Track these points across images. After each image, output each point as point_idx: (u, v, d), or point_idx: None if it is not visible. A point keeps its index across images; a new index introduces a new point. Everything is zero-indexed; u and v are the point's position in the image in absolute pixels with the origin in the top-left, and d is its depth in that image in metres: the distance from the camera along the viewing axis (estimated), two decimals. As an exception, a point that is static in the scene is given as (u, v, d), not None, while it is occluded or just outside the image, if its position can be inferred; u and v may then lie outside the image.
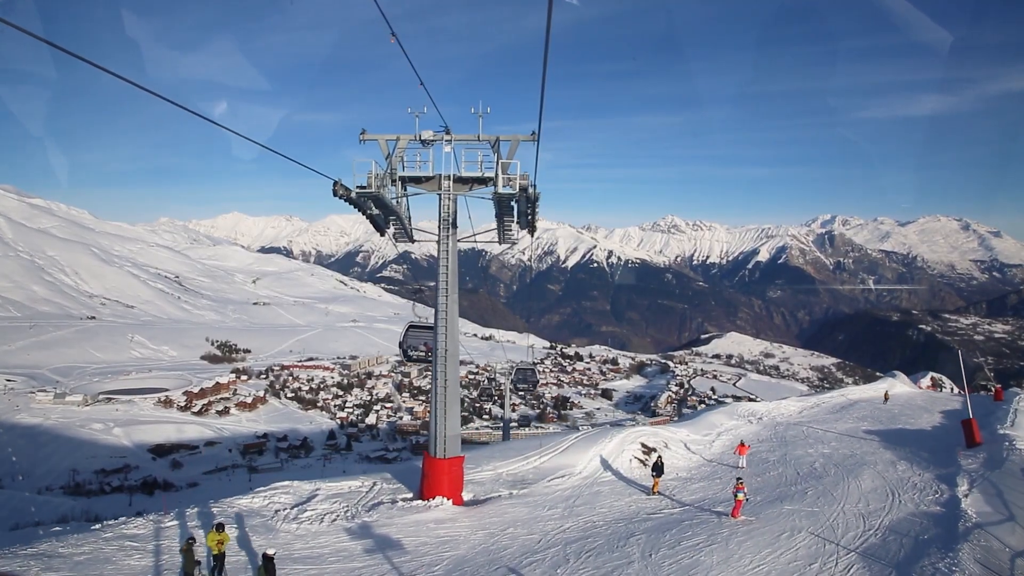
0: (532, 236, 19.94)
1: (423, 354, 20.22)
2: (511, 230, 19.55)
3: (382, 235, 19.33)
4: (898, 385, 33.69)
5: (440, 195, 17.64)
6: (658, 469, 20.33)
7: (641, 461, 23.64)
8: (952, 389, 37.73)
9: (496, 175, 16.03)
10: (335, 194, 15.35)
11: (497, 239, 20.33)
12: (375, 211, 17.33)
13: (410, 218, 19.69)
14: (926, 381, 36.43)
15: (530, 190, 16.25)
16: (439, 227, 17.94)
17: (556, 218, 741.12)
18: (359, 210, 16.87)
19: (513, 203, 17.22)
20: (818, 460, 23.66)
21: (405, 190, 18.21)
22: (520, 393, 48.98)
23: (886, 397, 35.92)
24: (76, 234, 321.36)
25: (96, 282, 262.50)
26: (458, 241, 19.02)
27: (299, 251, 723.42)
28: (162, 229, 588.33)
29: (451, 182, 17.38)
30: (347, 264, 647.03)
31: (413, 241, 20.51)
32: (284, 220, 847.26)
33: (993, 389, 33.71)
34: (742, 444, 24.13)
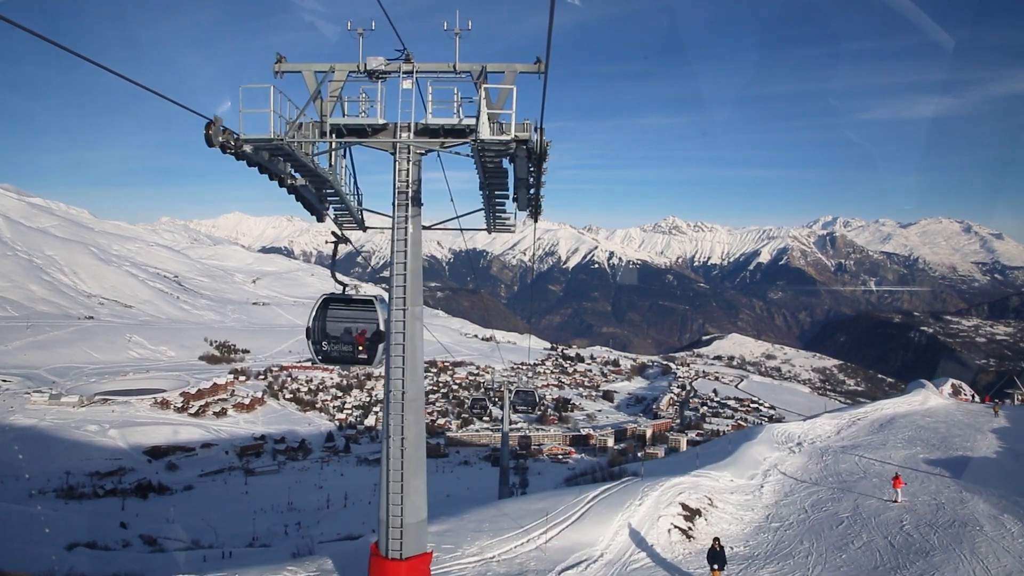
0: (535, 220, 13.44)
1: (350, 350, 12.69)
2: (504, 211, 13.37)
3: (320, 220, 13.74)
4: (932, 397, 31.81)
5: (395, 153, 11.55)
6: (719, 559, 14.82)
7: (683, 531, 18.14)
8: (978, 398, 36.27)
9: (479, 112, 9.83)
10: (210, 142, 9.58)
11: (485, 225, 13.89)
12: (299, 180, 11.73)
13: (360, 196, 13.62)
14: (947, 388, 34.88)
15: (533, 139, 10.43)
16: (393, 202, 11.61)
17: (557, 219, 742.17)
18: (273, 177, 11.46)
19: (506, 163, 11.37)
20: (904, 517, 19.02)
21: (344, 147, 12.22)
22: (519, 413, 46.45)
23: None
24: (75, 233, 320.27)
25: (94, 282, 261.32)
26: (429, 227, 13.31)
27: (300, 251, 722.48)
28: (163, 228, 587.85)
29: (412, 133, 11.32)
30: (348, 264, 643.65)
31: (364, 228, 14.51)
32: (285, 220, 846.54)
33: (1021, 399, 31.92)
34: (897, 476, 20.64)
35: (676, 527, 18.08)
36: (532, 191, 12.32)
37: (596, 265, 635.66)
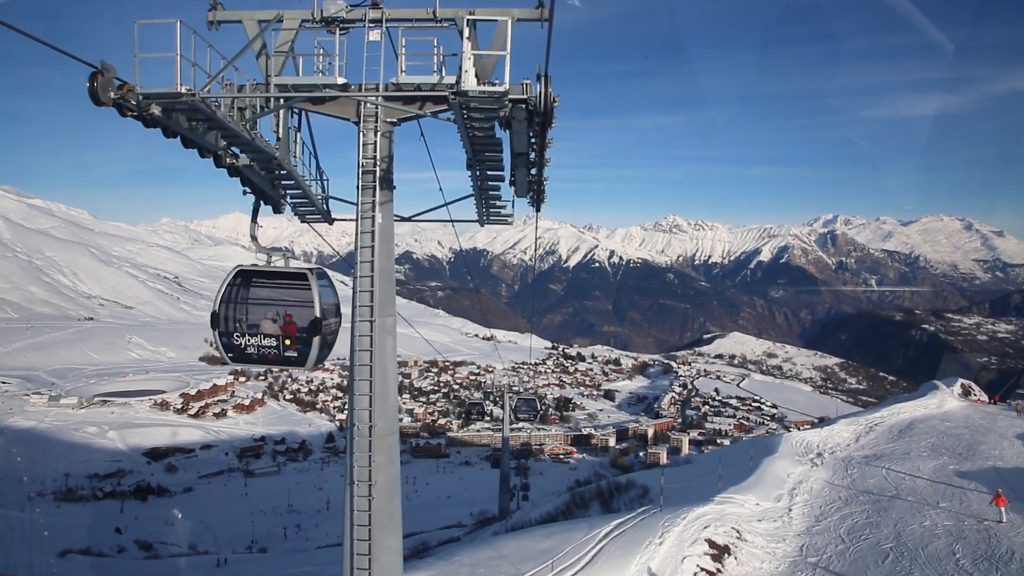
0: (538, 209, 10.97)
1: (274, 346, 9.49)
2: (499, 198, 10.93)
3: (276, 210, 11.30)
4: (948, 400, 30.80)
5: (359, 122, 9.18)
6: None
7: (712, 574, 16.10)
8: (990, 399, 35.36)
9: (462, 59, 7.56)
10: (97, 99, 7.20)
11: (477, 216, 11.51)
12: (241, 158, 9.52)
13: (324, 181, 11.18)
14: (957, 389, 34.09)
15: (536, 94, 7.95)
16: (358, 184, 9.25)
17: (558, 218, 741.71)
18: (206, 154, 9.24)
19: (497, 128, 8.77)
20: (956, 547, 16.81)
21: (297, 116, 9.93)
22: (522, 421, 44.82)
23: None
24: (75, 234, 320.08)
25: (94, 283, 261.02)
26: (405, 219, 11.11)
27: (300, 251, 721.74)
28: (163, 230, 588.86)
29: (380, 95, 8.99)
30: (348, 264, 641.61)
31: (330, 220, 12.17)
32: (286, 220, 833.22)
33: None
34: (1000, 495, 18.80)
35: (703, 570, 15.64)
36: (534, 171, 9.82)
37: (597, 264, 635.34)
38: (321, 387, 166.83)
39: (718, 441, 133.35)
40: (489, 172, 10.01)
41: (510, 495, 42.42)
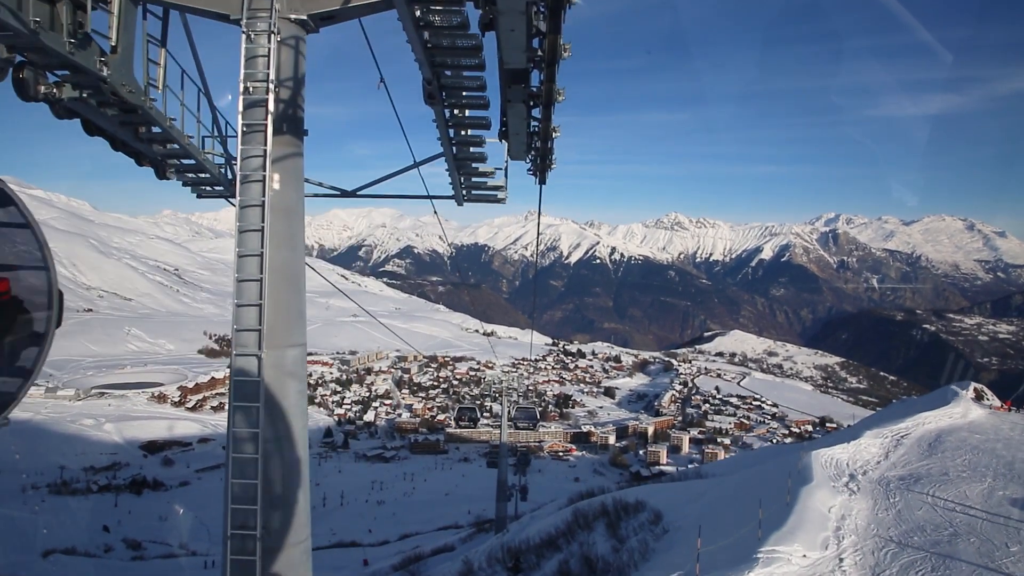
0: (542, 179, 7.13)
1: None
2: (481, 159, 7.09)
3: (159, 175, 7.94)
4: (973, 408, 29.21)
5: (242, 20, 5.25)
6: None
7: None
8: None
9: None
10: None
11: (453, 192, 7.78)
12: (61, 85, 5.55)
13: (226, 134, 7.74)
14: (970, 393, 32.94)
15: None
16: (239, 124, 5.40)
17: (559, 214, 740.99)
18: None
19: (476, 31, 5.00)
20: None
21: (159, 17, 6.53)
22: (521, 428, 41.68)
23: None
24: (75, 226, 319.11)
25: (94, 274, 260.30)
26: (341, 194, 7.74)
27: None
28: (164, 222, 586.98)
29: None
30: (349, 258, 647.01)
31: (229, 193, 7.94)
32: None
33: None
34: None
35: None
36: (537, 108, 5.65)
37: (598, 260, 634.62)
38: (320, 381, 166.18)
39: (719, 440, 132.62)
40: (466, 115, 6.09)
41: (508, 496, 41.53)
